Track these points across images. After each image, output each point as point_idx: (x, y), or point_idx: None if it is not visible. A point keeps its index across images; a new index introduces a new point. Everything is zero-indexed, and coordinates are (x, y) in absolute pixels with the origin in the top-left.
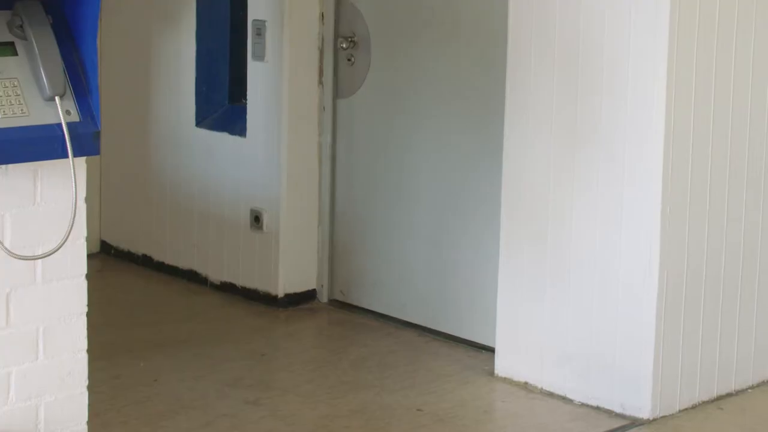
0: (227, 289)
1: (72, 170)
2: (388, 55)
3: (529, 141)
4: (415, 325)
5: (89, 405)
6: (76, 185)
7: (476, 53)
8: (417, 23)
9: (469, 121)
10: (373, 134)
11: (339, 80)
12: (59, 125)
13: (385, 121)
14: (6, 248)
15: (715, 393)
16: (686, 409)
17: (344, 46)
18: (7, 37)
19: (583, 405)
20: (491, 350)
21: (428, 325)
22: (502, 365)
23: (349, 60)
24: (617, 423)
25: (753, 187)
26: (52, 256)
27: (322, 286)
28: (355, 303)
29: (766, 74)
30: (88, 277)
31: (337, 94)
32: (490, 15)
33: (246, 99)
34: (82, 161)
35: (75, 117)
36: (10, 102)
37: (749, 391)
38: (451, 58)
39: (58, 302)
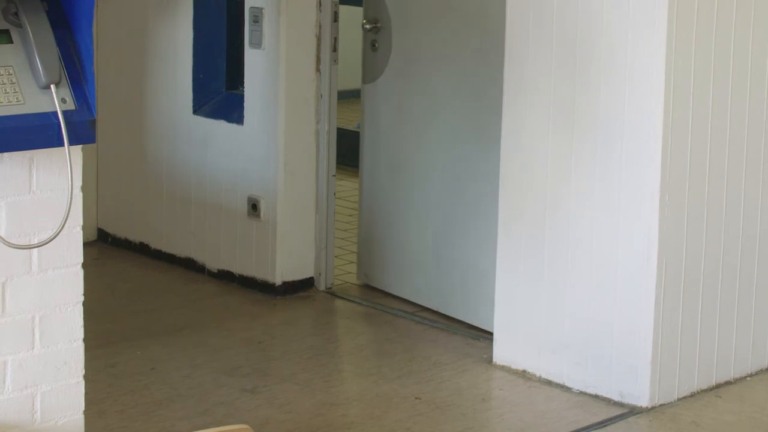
0: (224, 277)
1: (68, 158)
2: (410, 40)
3: (528, 128)
4: (424, 308)
5: (86, 394)
6: (72, 173)
7: (497, 40)
8: (437, 9)
9: (488, 109)
10: (395, 119)
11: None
12: (55, 113)
13: (405, 107)
14: (2, 237)
15: (713, 381)
16: (685, 398)
17: (368, 27)
18: (2, 24)
19: (581, 393)
20: (489, 338)
21: (437, 309)
22: (500, 353)
23: (373, 46)
24: (616, 411)
25: (752, 174)
26: (48, 244)
27: (319, 274)
28: (377, 286)
29: (765, 60)
30: (85, 265)
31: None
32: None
33: (243, 86)
34: (78, 149)
35: (71, 105)
36: (6, 90)
37: (748, 379)
38: (455, 47)
39: (54, 291)
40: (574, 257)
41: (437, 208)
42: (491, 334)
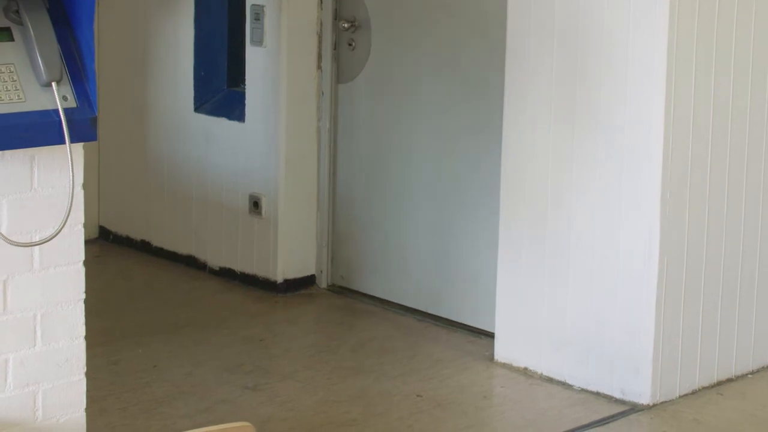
0: (226, 274)
1: (69, 156)
2: (389, 39)
3: (529, 126)
4: (415, 310)
5: (87, 391)
6: (73, 171)
7: (477, 36)
8: (417, 7)
9: (468, 106)
10: (373, 119)
11: (339, 65)
12: (56, 111)
13: (385, 106)
14: (3, 234)
15: (714, 379)
16: (686, 395)
17: (346, 26)
18: (4, 22)
19: (582, 390)
20: (491, 336)
21: (428, 310)
22: (502, 351)
23: (350, 45)
24: (617, 408)
25: (753, 171)
26: (49, 242)
27: (321, 271)
28: (355, 288)
29: (766, 57)
30: (86, 263)
31: (338, 80)
32: None
33: (244, 84)
34: (79, 147)
35: (72, 102)
36: (7, 88)
37: (749, 376)
38: (451, 41)
39: (56, 289)
40: (575, 254)
41: (421, 208)
42: (485, 332)
